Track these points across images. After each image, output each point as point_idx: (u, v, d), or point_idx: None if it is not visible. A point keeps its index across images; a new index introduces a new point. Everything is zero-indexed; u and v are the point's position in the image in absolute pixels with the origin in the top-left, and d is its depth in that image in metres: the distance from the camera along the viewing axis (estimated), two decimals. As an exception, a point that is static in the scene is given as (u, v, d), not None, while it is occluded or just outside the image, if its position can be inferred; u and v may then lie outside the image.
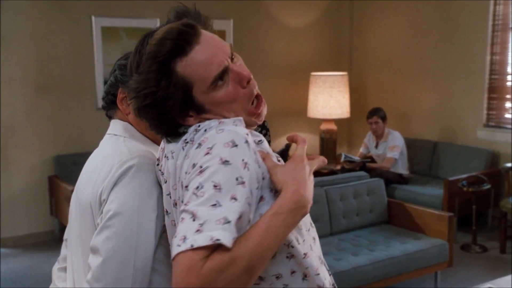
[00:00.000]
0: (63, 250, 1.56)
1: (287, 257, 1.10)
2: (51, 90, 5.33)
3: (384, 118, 5.72)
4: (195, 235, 0.92)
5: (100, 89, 5.46)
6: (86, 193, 1.37)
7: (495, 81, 5.70)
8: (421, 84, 6.38)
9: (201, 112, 1.16)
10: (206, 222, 0.94)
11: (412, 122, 6.51)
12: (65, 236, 1.54)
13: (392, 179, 5.54)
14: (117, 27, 5.59)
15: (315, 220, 4.02)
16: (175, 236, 0.95)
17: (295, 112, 6.80)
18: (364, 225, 4.27)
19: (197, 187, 0.99)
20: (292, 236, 1.09)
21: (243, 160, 1.03)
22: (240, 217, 0.97)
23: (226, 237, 0.93)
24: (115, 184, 1.27)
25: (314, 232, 1.22)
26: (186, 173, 1.07)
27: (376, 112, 5.72)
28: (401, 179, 5.68)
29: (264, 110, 1.21)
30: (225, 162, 1.01)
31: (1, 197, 5.19)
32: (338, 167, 6.09)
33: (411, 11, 6.41)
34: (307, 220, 1.19)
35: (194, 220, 0.95)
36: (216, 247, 0.92)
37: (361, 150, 6.03)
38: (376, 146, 5.84)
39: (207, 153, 1.03)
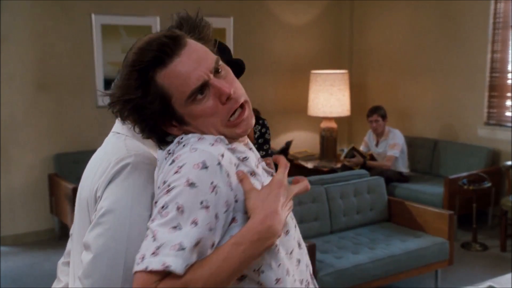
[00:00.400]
0: (69, 245, 1.56)
1: (257, 282, 1.09)
2: (51, 88, 5.32)
3: (384, 117, 5.71)
4: (151, 257, 0.96)
5: (100, 87, 5.45)
6: (85, 190, 1.38)
7: (495, 79, 5.69)
8: (422, 82, 6.37)
9: (182, 123, 1.16)
10: (162, 245, 0.96)
11: (412, 120, 6.50)
12: (71, 231, 1.55)
13: (392, 177, 5.53)
14: (117, 25, 5.58)
15: (315, 218, 4.02)
16: (138, 251, 0.99)
17: (295, 110, 6.79)
18: (365, 223, 4.27)
19: (162, 206, 1.01)
20: (264, 261, 1.08)
21: (212, 183, 1.03)
22: (198, 243, 0.98)
23: (178, 265, 0.95)
24: (110, 182, 1.27)
25: (300, 254, 1.20)
26: (158, 187, 1.08)
27: (376, 111, 5.71)
28: (402, 177, 5.67)
29: (248, 120, 1.18)
30: (191, 184, 1.02)
31: (1, 195, 5.18)
32: (338, 165, 6.09)
33: (411, 9, 6.40)
34: (290, 243, 1.16)
35: (154, 240, 0.98)
36: (169, 272, 0.95)
37: (362, 148, 6.02)
38: (377, 145, 5.84)
39: (177, 172, 1.04)
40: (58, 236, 5.30)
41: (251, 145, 1.28)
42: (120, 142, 1.39)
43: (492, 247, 4.94)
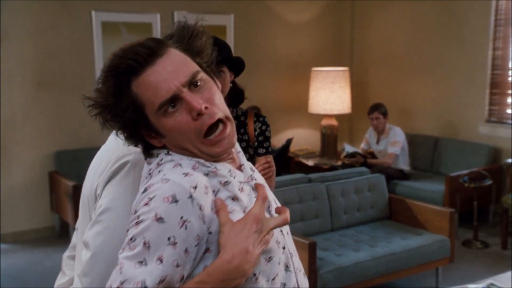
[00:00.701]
0: (74, 238, 1.56)
1: None
2: (51, 86, 5.31)
3: (385, 114, 5.70)
4: None
5: (100, 85, 5.43)
6: (86, 187, 1.39)
7: (497, 76, 5.68)
8: (423, 79, 6.35)
9: (158, 135, 1.15)
10: (126, 281, 0.96)
11: (413, 118, 6.49)
12: (77, 225, 1.55)
13: (393, 175, 5.52)
14: (118, 22, 5.56)
15: (316, 215, 4.01)
16: (109, 279, 0.99)
17: (296, 107, 6.78)
18: (365, 221, 4.26)
19: (131, 239, 1.00)
20: None
21: (181, 218, 1.01)
22: (162, 281, 0.98)
23: None
24: (109, 180, 1.27)
25: (285, 278, 1.16)
26: (131, 213, 1.07)
27: (377, 108, 5.70)
28: (402, 175, 5.66)
29: (229, 138, 1.14)
30: (160, 220, 1.00)
31: (1, 192, 5.18)
32: (339, 163, 6.08)
33: (412, 6, 6.38)
34: (273, 269, 1.13)
35: (120, 273, 0.98)
36: None
37: (362, 145, 6.01)
38: (377, 142, 5.83)
39: (146, 204, 1.02)
40: (59, 234, 5.30)
41: (241, 157, 1.24)
42: (120, 140, 1.38)
43: (493, 245, 4.93)
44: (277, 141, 6.50)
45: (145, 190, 1.06)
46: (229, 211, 1.08)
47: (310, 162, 6.27)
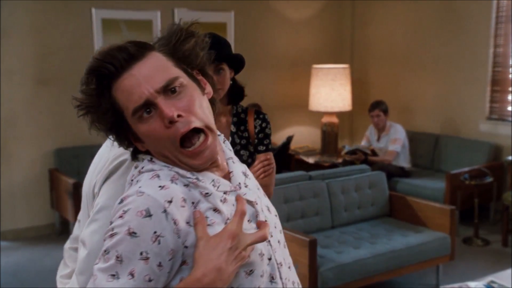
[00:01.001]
0: (76, 230, 1.56)
1: None
2: (51, 83, 5.30)
3: (386, 111, 5.69)
4: None
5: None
6: (85, 185, 1.39)
7: (498, 73, 5.66)
8: (424, 76, 6.34)
9: (138, 140, 1.13)
10: None
11: (414, 115, 6.48)
12: (79, 217, 1.55)
13: (394, 172, 5.52)
14: (118, 19, 5.55)
15: (316, 213, 4.01)
16: None
17: (296, 105, 6.77)
18: (366, 218, 4.26)
19: (105, 250, 1.01)
20: None
21: (154, 232, 1.00)
22: None
23: None
24: (106, 178, 1.27)
25: None
26: (108, 223, 1.07)
27: (378, 105, 5.69)
28: (403, 172, 5.65)
29: (209, 149, 1.10)
30: (132, 234, 0.99)
31: (1, 190, 5.17)
32: (340, 160, 6.08)
33: (413, 3, 6.37)
34: (255, 282, 1.11)
35: (94, 285, 0.99)
36: None
37: (363, 143, 6.00)
38: (378, 139, 5.82)
39: (121, 217, 1.02)
40: (59, 231, 5.30)
41: (231, 163, 1.21)
42: None
43: (493, 242, 4.92)
44: (278, 138, 6.50)
45: (121, 201, 1.05)
46: (209, 223, 1.07)
47: (310, 160, 6.27)
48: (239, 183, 1.17)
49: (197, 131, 1.09)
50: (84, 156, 4.90)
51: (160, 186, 1.05)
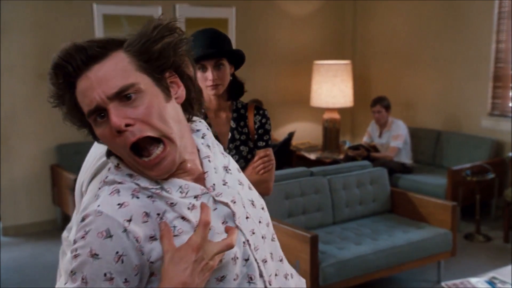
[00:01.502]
0: (73, 220, 1.57)
1: None
2: (53, 79, 5.30)
3: (387, 107, 5.68)
4: None
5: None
6: (77, 182, 1.38)
7: (500, 69, 5.65)
8: (425, 72, 6.33)
9: (101, 142, 1.11)
10: None
11: (416, 111, 6.47)
12: (75, 210, 1.56)
13: (395, 169, 5.51)
14: (119, 15, 5.55)
15: (318, 209, 4.01)
16: None
17: (297, 101, 6.76)
18: (367, 214, 4.26)
19: (72, 271, 1.01)
20: None
21: (116, 253, 1.00)
22: None
23: None
24: (93, 177, 1.26)
25: None
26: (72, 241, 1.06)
27: (380, 101, 5.68)
28: (405, 169, 5.65)
29: (166, 160, 1.05)
30: (95, 256, 0.99)
31: (3, 186, 5.18)
32: (341, 156, 6.07)
33: (415, -1, 6.35)
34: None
35: None
36: None
37: (365, 139, 6.00)
38: (380, 135, 5.81)
39: (83, 237, 1.02)
40: (60, 227, 5.30)
41: (207, 163, 1.16)
42: None
43: (495, 238, 4.92)
44: (279, 134, 6.49)
45: (83, 219, 1.04)
46: (176, 234, 1.05)
47: (312, 156, 6.26)
48: (214, 184, 1.14)
49: (157, 140, 1.05)
50: (85, 152, 4.81)
51: (119, 204, 1.03)
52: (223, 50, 2.07)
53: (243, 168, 2.07)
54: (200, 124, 1.24)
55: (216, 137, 1.36)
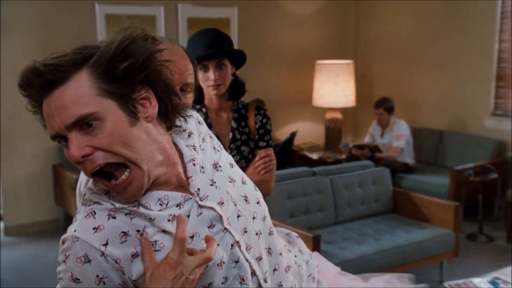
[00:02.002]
0: None
1: None
2: (55, 78, 5.30)
3: (390, 110, 5.66)
4: None
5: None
6: (78, 183, 1.38)
7: (503, 69, 5.63)
8: (428, 72, 6.31)
9: None
10: None
11: (418, 111, 6.46)
12: None
13: (398, 169, 5.50)
14: (121, 15, 5.55)
15: (320, 209, 4.00)
16: None
17: (300, 101, 6.75)
18: (369, 214, 4.25)
19: None
20: None
21: (97, 276, 1.01)
22: None
23: None
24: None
25: None
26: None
27: (383, 103, 5.67)
28: (407, 169, 5.64)
29: (132, 185, 1.03)
30: (76, 280, 1.01)
31: (5, 185, 5.19)
32: (343, 156, 6.06)
33: (418, -1, 6.34)
34: None
35: None
36: None
37: (366, 139, 5.99)
38: (382, 135, 5.81)
39: (64, 261, 1.03)
40: (63, 227, 5.31)
41: (191, 166, 1.13)
42: None
43: (498, 239, 4.91)
44: (281, 134, 6.48)
45: (63, 242, 1.04)
46: (157, 249, 1.05)
47: (314, 156, 6.26)
48: (198, 189, 1.12)
49: (122, 164, 1.02)
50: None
51: (94, 228, 1.03)
52: (224, 50, 2.06)
53: (244, 168, 2.07)
54: (189, 119, 1.20)
55: (217, 137, 1.35)
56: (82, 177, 1.31)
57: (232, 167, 1.25)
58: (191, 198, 1.11)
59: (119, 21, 5.52)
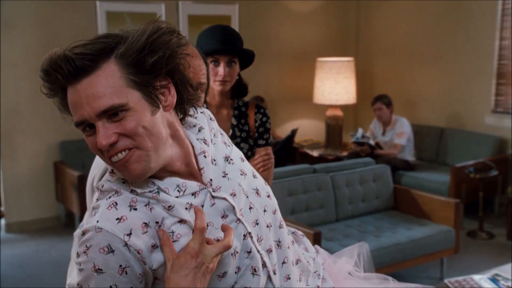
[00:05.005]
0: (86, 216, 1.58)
1: None
2: (56, 76, 5.30)
3: (388, 104, 5.68)
4: None
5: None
6: (88, 178, 1.38)
7: (503, 66, 5.63)
8: (429, 69, 6.32)
9: None
10: None
11: (419, 108, 6.46)
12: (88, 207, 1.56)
13: (399, 166, 5.51)
14: (122, 12, 5.55)
15: (321, 206, 4.01)
16: None
17: (300, 98, 6.75)
18: (370, 212, 4.26)
19: (78, 284, 1.05)
20: None
21: (120, 266, 1.03)
22: None
23: None
24: (104, 172, 1.27)
25: (249, 282, 1.16)
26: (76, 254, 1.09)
27: (380, 99, 5.69)
28: (408, 166, 5.65)
29: (129, 166, 1.05)
30: (99, 271, 1.02)
31: (7, 182, 5.20)
32: (344, 153, 6.07)
33: (419, -4, 6.33)
34: (227, 282, 1.13)
35: None
36: None
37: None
38: (383, 133, 5.81)
39: (85, 252, 1.04)
40: (64, 224, 5.32)
41: (202, 159, 1.16)
42: None
43: (498, 236, 4.91)
44: (282, 131, 6.49)
45: (83, 233, 1.06)
46: (176, 239, 1.08)
47: (315, 153, 6.26)
48: (211, 179, 1.15)
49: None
50: (89, 149, 4.88)
51: (117, 219, 1.05)
52: (238, 48, 2.08)
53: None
54: (200, 116, 1.24)
55: None
56: (95, 172, 1.32)
57: (243, 161, 1.28)
58: (205, 188, 1.14)
59: (119, 19, 5.52)
